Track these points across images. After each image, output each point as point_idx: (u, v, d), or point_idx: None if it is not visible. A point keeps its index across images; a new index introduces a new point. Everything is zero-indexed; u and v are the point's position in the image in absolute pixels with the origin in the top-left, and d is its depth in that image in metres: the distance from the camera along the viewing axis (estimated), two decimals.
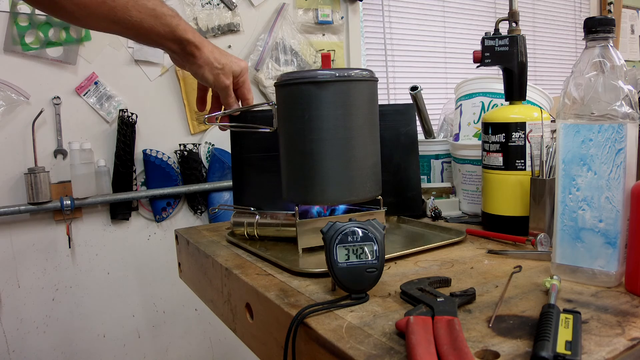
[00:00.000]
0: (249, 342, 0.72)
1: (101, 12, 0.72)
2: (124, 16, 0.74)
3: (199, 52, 0.83)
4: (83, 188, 1.53)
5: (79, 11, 0.70)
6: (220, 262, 0.79)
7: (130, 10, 0.74)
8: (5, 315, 1.51)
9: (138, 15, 0.75)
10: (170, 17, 0.79)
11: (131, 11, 0.74)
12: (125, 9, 0.73)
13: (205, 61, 0.84)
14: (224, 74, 0.86)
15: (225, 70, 0.86)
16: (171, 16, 0.79)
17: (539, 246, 0.74)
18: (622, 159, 0.56)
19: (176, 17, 0.80)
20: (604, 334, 0.47)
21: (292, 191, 0.81)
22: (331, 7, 2.05)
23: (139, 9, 0.74)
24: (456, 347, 0.43)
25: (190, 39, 0.81)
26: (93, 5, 0.71)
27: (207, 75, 0.85)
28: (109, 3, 0.72)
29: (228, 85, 0.87)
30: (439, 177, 1.13)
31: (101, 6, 0.71)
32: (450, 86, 2.47)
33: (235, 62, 0.88)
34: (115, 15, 0.73)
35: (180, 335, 1.81)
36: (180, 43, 0.81)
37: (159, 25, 0.77)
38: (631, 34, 3.34)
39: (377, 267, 0.58)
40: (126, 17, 0.74)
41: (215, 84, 0.87)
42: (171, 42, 0.80)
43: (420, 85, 1.13)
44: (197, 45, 0.82)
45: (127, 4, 0.73)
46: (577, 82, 0.59)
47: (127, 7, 0.73)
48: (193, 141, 1.78)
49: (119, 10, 0.73)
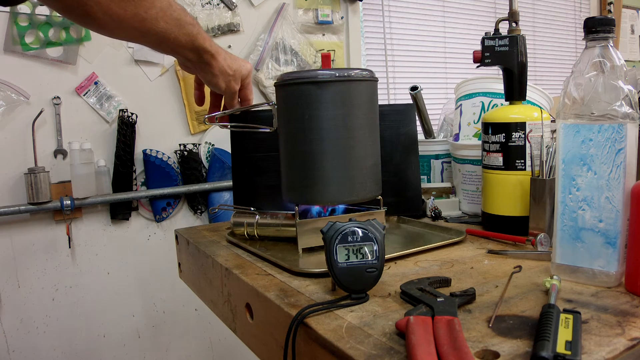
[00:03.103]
0: (249, 342, 0.72)
1: (132, 23, 0.70)
2: (152, 27, 0.72)
3: (214, 61, 0.82)
4: (83, 188, 1.53)
5: (111, 23, 0.69)
6: (220, 262, 0.79)
7: (159, 21, 0.73)
8: (5, 315, 1.51)
9: (165, 26, 0.74)
10: (191, 26, 0.78)
11: (159, 22, 0.73)
12: (155, 21, 0.72)
13: (220, 70, 0.84)
14: (234, 80, 0.86)
15: (236, 76, 0.86)
16: (192, 25, 0.78)
17: (539, 246, 0.74)
18: (622, 159, 0.56)
19: (196, 25, 0.79)
20: (604, 334, 0.47)
21: (292, 191, 0.81)
22: (331, 7, 2.05)
23: (166, 20, 0.73)
24: (456, 347, 0.43)
25: (208, 48, 0.81)
26: (127, 17, 0.69)
27: (220, 84, 0.85)
28: (142, 14, 0.70)
29: (237, 91, 0.88)
30: (439, 177, 1.13)
31: (133, 18, 0.70)
32: (450, 86, 2.47)
33: (244, 65, 0.88)
34: (144, 26, 0.72)
35: (180, 335, 1.81)
36: (198, 52, 0.80)
37: (181, 35, 0.76)
38: (631, 34, 3.34)
39: (377, 267, 0.58)
40: (154, 29, 0.73)
41: (226, 91, 0.87)
42: (189, 51, 0.80)
43: (420, 85, 1.13)
44: (213, 55, 0.82)
45: (157, 15, 0.72)
46: (577, 82, 0.59)
47: (157, 18, 0.72)
48: (193, 141, 1.78)
49: (148, 22, 0.72)
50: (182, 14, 0.76)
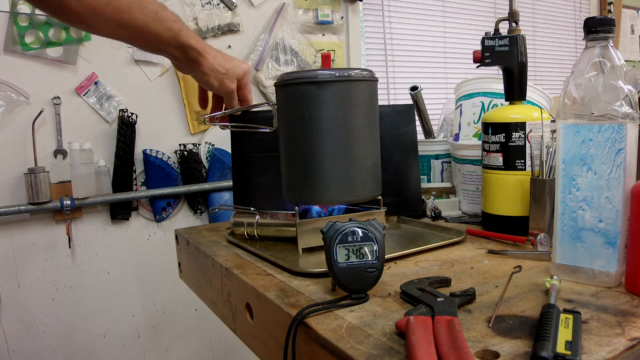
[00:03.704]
0: (249, 342, 0.72)
1: (106, 13, 0.71)
2: (129, 18, 0.73)
3: (202, 59, 0.82)
4: (83, 188, 1.53)
5: (85, 12, 0.70)
6: (220, 262, 0.79)
7: (134, 12, 0.73)
8: (5, 315, 1.51)
9: (143, 18, 0.74)
10: (172, 21, 0.78)
11: (135, 13, 0.74)
12: (129, 10, 0.73)
13: (210, 68, 0.83)
14: (228, 78, 0.86)
15: (229, 75, 0.86)
16: (173, 21, 0.78)
17: (539, 246, 0.74)
18: (622, 159, 0.56)
19: (179, 21, 0.79)
20: (604, 334, 0.47)
21: (292, 191, 0.81)
22: (331, 7, 2.05)
23: (142, 12, 0.74)
24: (456, 347, 0.43)
25: (194, 45, 0.80)
26: (100, 6, 0.71)
27: (212, 82, 0.85)
28: (114, 3, 0.71)
29: (233, 90, 0.87)
30: (439, 177, 1.13)
31: (107, 7, 0.71)
32: (450, 86, 2.47)
33: (239, 65, 0.88)
34: (120, 17, 0.73)
35: (180, 335, 1.81)
36: (183, 49, 0.80)
37: (163, 30, 0.77)
38: (631, 34, 3.34)
39: (377, 267, 0.58)
40: (131, 20, 0.74)
41: (221, 89, 0.87)
42: (174, 48, 0.80)
43: (420, 85, 1.13)
44: (200, 52, 0.81)
45: (130, 5, 0.73)
46: (577, 82, 0.59)
47: (130, 8, 0.73)
48: (193, 141, 1.78)
49: (123, 11, 0.73)
50: (160, 8, 0.76)
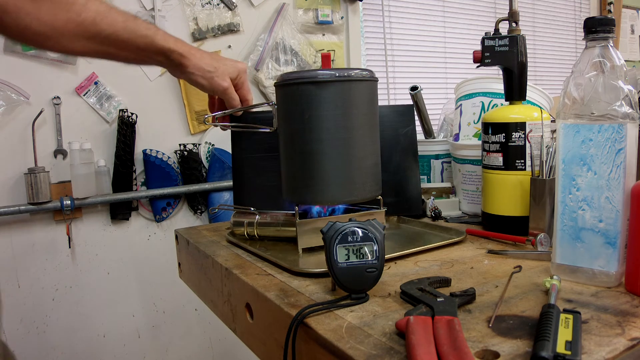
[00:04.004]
0: (249, 342, 0.72)
1: (70, 29, 0.70)
2: (96, 30, 0.72)
3: (186, 59, 0.82)
4: (83, 188, 1.53)
5: (47, 30, 0.68)
6: (220, 262, 0.79)
7: (100, 24, 0.72)
8: (5, 315, 1.51)
9: (110, 28, 0.73)
10: (144, 28, 0.77)
11: (101, 25, 0.72)
12: (94, 23, 0.72)
13: (196, 67, 0.83)
14: (217, 76, 0.85)
15: (218, 73, 0.85)
16: (146, 28, 0.78)
17: (539, 246, 0.74)
18: (622, 159, 0.56)
19: (152, 28, 0.79)
20: (604, 334, 0.47)
21: (292, 191, 0.81)
22: (331, 7, 2.05)
23: (109, 22, 0.73)
24: (456, 347, 0.43)
25: (172, 48, 0.80)
26: (60, 23, 0.69)
27: (200, 81, 0.84)
28: (75, 19, 0.70)
29: (226, 88, 0.86)
30: (439, 177, 1.13)
31: (67, 23, 0.69)
32: (450, 86, 2.47)
33: (230, 64, 0.87)
34: (86, 30, 0.71)
35: (180, 335, 1.81)
36: (164, 54, 0.80)
37: (136, 37, 0.76)
38: (631, 34, 3.34)
39: (377, 267, 0.58)
40: (99, 32, 0.72)
41: (212, 89, 0.86)
42: (154, 54, 0.79)
43: (420, 85, 1.13)
44: (181, 54, 0.81)
45: (95, 18, 0.72)
46: (577, 82, 0.59)
47: (95, 21, 0.72)
48: (193, 141, 1.78)
49: (88, 25, 0.71)
50: (129, 17, 0.76)
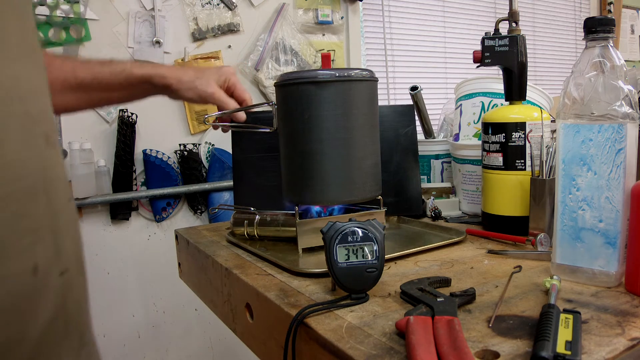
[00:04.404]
0: (249, 342, 0.72)
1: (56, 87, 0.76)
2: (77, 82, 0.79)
3: (168, 79, 0.84)
4: (83, 188, 1.53)
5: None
6: (220, 262, 0.79)
7: (79, 74, 0.79)
8: None
9: (89, 75, 0.80)
10: (121, 64, 0.82)
11: (80, 75, 0.79)
12: (74, 76, 0.79)
13: (180, 82, 0.85)
14: (201, 84, 0.85)
15: (201, 81, 0.86)
16: (122, 64, 0.83)
17: (539, 246, 0.74)
18: (622, 159, 0.56)
19: (127, 62, 0.84)
20: (604, 334, 0.47)
21: (292, 191, 0.81)
22: (331, 7, 2.05)
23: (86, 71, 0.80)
24: (456, 347, 0.43)
25: (151, 73, 0.83)
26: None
27: (188, 94, 0.86)
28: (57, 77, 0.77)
29: (212, 92, 0.86)
30: (439, 177, 1.13)
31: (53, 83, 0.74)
32: (450, 86, 2.47)
33: (214, 70, 0.88)
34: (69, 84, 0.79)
35: (180, 335, 1.80)
36: (146, 81, 0.83)
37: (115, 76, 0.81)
38: (631, 34, 3.34)
39: (377, 267, 0.58)
40: (80, 81, 0.79)
41: (201, 97, 0.86)
42: (139, 84, 0.83)
43: (420, 85, 1.13)
44: (163, 75, 0.83)
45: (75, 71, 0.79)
46: (577, 82, 0.59)
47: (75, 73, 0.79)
48: (193, 141, 1.78)
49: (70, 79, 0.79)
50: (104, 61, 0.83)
